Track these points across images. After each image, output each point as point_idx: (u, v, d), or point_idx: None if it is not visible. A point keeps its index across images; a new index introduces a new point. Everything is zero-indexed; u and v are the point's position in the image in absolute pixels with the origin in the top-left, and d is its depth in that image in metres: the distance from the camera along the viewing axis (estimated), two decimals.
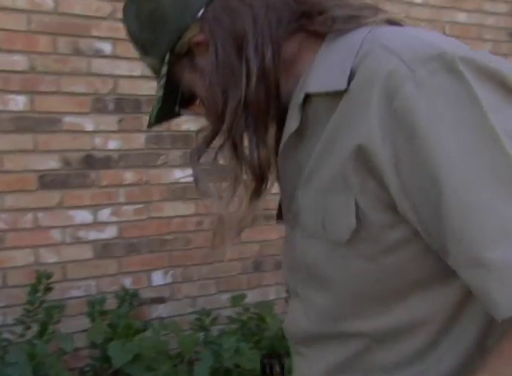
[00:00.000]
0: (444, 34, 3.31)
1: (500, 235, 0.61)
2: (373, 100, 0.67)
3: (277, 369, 0.69)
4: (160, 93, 0.88)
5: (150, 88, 2.74)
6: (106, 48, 2.70)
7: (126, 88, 2.76)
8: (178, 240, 2.96)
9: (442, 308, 0.74)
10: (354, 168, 0.70)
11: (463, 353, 0.75)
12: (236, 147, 0.82)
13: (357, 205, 0.71)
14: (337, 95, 0.73)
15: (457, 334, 0.75)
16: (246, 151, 0.82)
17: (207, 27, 0.81)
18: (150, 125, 0.96)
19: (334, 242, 0.75)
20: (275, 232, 3.24)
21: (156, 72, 0.90)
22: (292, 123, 0.80)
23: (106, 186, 2.76)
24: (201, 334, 2.12)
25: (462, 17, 3.78)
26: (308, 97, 0.78)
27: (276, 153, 0.84)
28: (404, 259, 0.72)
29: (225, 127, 0.81)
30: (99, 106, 2.71)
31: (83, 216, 2.71)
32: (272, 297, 3.25)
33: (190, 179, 2.68)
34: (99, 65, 2.69)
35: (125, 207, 2.81)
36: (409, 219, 0.69)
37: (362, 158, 0.69)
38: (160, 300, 2.94)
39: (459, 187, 0.63)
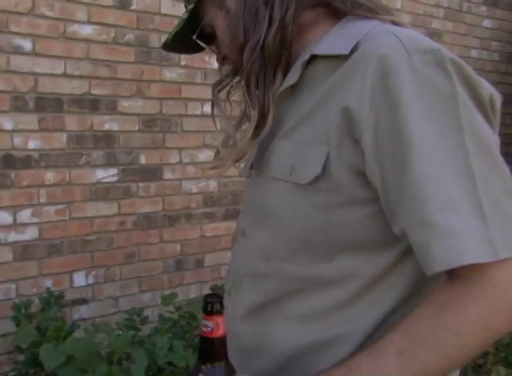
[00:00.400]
0: None
1: (446, 205, 0.72)
2: (370, 71, 0.77)
3: (218, 307, 0.77)
4: (185, 16, 0.98)
5: (72, 87, 2.72)
6: (26, 44, 2.63)
7: (47, 86, 2.70)
8: (100, 241, 2.93)
9: (369, 270, 0.83)
10: (337, 126, 0.80)
11: (381, 313, 0.84)
12: (248, 85, 0.91)
13: (328, 158, 0.80)
14: (338, 60, 0.83)
15: (377, 295, 0.84)
16: (256, 91, 0.91)
17: None
18: (165, 46, 1.07)
19: (295, 185, 0.84)
20: (195, 231, 3.29)
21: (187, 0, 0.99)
22: (292, 77, 0.90)
23: (26, 187, 2.69)
24: (131, 334, 2.12)
25: None
26: (312, 58, 0.88)
27: None
28: (350, 219, 0.81)
29: (244, 63, 0.91)
30: (18, 104, 2.63)
31: (2, 217, 2.63)
32: (192, 295, 3.29)
33: (113, 179, 2.69)
34: (18, 62, 2.62)
35: (46, 208, 2.75)
36: (372, 182, 0.78)
37: (347, 119, 0.78)
38: (83, 301, 2.91)
39: (424, 161, 0.73)
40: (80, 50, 2.78)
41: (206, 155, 3.28)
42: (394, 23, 0.90)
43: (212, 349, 0.77)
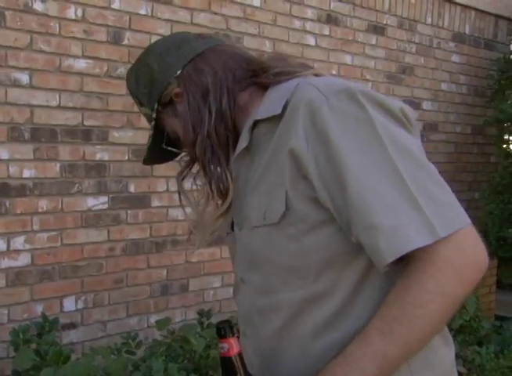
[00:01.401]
0: (332, 74, 3.68)
1: (384, 208, 0.88)
2: (300, 117, 0.95)
3: (228, 331, 0.92)
4: (151, 132, 1.19)
5: (66, 118, 2.83)
6: (23, 78, 2.74)
7: (42, 118, 2.80)
8: (90, 266, 3.02)
9: (348, 279, 0.98)
10: (288, 167, 0.96)
11: (370, 314, 0.96)
12: (205, 169, 1.10)
13: (287, 195, 0.97)
14: (276, 119, 1.01)
15: (364, 299, 0.98)
16: (215, 171, 1.09)
17: (182, 82, 1.13)
18: (146, 162, 1.28)
19: (269, 226, 1.00)
20: (181, 257, 3.40)
21: (149, 119, 1.19)
22: (242, 142, 1.07)
23: (20, 214, 2.78)
24: (126, 357, 2.21)
25: (348, 59, 4.18)
26: (255, 123, 1.06)
27: None
28: (319, 240, 0.97)
29: (196, 154, 1.10)
30: (15, 135, 2.73)
31: None
32: (178, 319, 3.39)
33: (103, 207, 2.82)
34: (15, 95, 2.73)
35: (39, 235, 2.84)
36: (326, 205, 0.94)
37: (294, 159, 0.95)
38: (72, 326, 2.98)
39: (358, 178, 0.89)
40: (74, 83, 2.90)
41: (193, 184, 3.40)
42: (315, 75, 1.09)
43: (231, 366, 0.92)
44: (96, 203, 3.01)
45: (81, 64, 2.92)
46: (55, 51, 2.83)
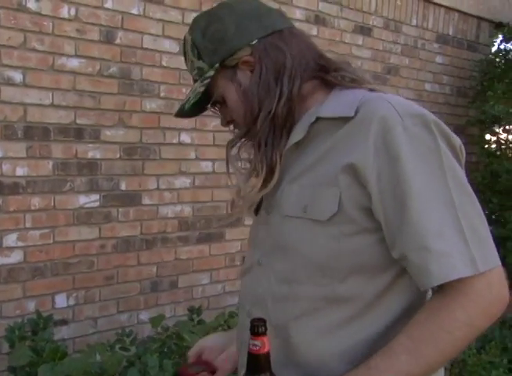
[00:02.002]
0: None
1: (438, 233, 0.94)
2: (372, 129, 0.99)
3: (263, 329, 0.96)
4: (202, 89, 1.15)
5: (58, 117, 2.85)
6: (17, 76, 2.76)
7: (36, 116, 2.82)
8: (81, 263, 3.05)
9: (373, 288, 1.03)
10: (345, 175, 1.00)
11: (384, 325, 1.04)
12: (259, 145, 1.11)
13: (340, 198, 1.01)
14: (341, 121, 1.04)
15: (380, 310, 1.04)
16: (265, 150, 1.11)
17: (257, 53, 1.12)
18: (179, 114, 1.25)
19: (312, 221, 1.03)
20: (170, 254, 3.44)
21: (199, 73, 1.17)
22: (298, 135, 1.10)
23: (13, 212, 2.80)
24: (121, 353, 2.26)
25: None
26: (316, 120, 1.08)
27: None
28: (357, 246, 1.01)
29: (256, 129, 1.11)
30: (8, 133, 2.75)
31: None
32: (167, 315, 3.43)
33: (95, 205, 2.86)
34: (9, 93, 2.74)
35: (31, 232, 2.86)
36: (377, 217, 0.99)
37: (353, 171, 0.99)
38: (63, 322, 3.01)
39: (419, 200, 0.95)
40: (67, 82, 2.92)
41: (181, 182, 3.45)
42: (371, 90, 1.12)
43: (260, 364, 0.96)
44: (88, 201, 3.04)
45: (73, 63, 2.94)
46: (48, 50, 2.84)
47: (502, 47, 5.12)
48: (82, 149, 3.01)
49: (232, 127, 1.23)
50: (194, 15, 3.38)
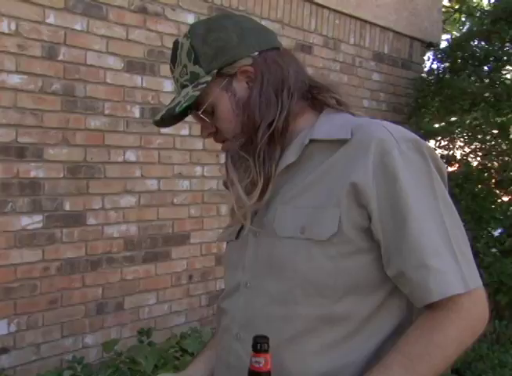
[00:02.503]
0: None
1: (434, 252, 1.00)
2: (371, 153, 1.03)
3: (266, 346, 0.95)
4: (197, 93, 1.14)
5: None
6: None
7: None
8: (23, 288, 2.93)
9: (368, 306, 1.07)
10: (345, 195, 1.04)
11: (378, 342, 1.07)
12: (259, 156, 1.12)
13: (340, 219, 1.04)
14: (336, 144, 1.08)
15: (374, 327, 1.08)
16: (263, 162, 1.12)
17: (257, 64, 1.14)
18: (159, 122, 1.22)
19: (310, 241, 1.05)
20: (116, 275, 3.36)
21: (192, 78, 1.16)
22: (291, 157, 1.13)
23: None
24: None
25: None
26: (309, 142, 1.11)
27: None
28: (353, 265, 1.05)
29: (257, 140, 1.12)
30: None
31: None
32: (113, 337, 3.33)
33: (38, 226, 2.76)
34: None
35: None
36: (376, 236, 1.03)
37: (355, 189, 1.03)
38: (3, 350, 2.87)
39: (417, 220, 1.00)
40: (7, 99, 2.81)
41: (127, 201, 3.37)
42: (352, 114, 1.17)
43: None
44: (30, 222, 2.92)
45: (14, 80, 2.83)
46: None
47: (434, 66, 5.31)
48: (24, 168, 2.89)
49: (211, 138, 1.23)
50: (138, 31, 3.36)
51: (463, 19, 10.34)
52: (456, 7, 10.40)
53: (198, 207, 3.80)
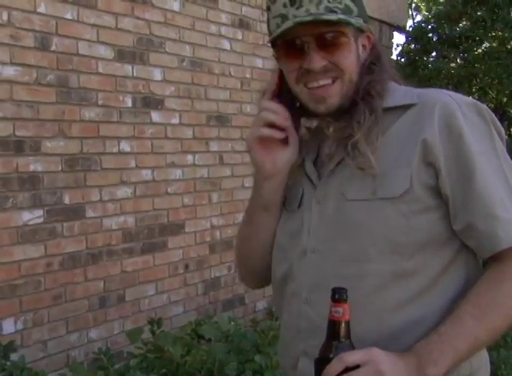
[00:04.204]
0: (246, 77, 3.76)
1: (501, 203, 1.07)
2: (436, 114, 1.10)
3: (345, 296, 0.99)
4: (361, 22, 1.16)
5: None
6: None
7: None
8: (28, 284, 2.86)
9: (437, 263, 1.11)
10: (417, 153, 1.09)
11: (448, 299, 1.11)
12: (360, 114, 1.16)
13: (411, 177, 1.09)
14: (402, 109, 1.15)
15: (445, 284, 1.11)
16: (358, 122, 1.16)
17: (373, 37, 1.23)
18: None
19: (384, 200, 1.10)
20: (117, 267, 3.32)
21: (345, 10, 1.14)
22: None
23: None
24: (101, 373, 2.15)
25: (259, 63, 4.29)
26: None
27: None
28: (424, 222, 1.10)
29: (357, 98, 1.16)
30: None
31: None
32: (116, 331, 3.31)
33: (39, 221, 2.73)
34: None
35: None
36: (444, 192, 1.09)
37: (425, 147, 1.09)
38: (12, 349, 2.81)
39: (483, 175, 1.07)
40: (3, 92, 2.73)
41: (123, 192, 3.34)
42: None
43: (341, 330, 0.99)
44: (32, 217, 2.86)
45: (9, 71, 2.76)
46: None
47: (405, 49, 5.41)
48: (23, 162, 2.83)
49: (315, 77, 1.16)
50: (127, 20, 3.31)
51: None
52: None
53: (191, 195, 3.78)
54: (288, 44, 1.15)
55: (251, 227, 1.31)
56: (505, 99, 4.58)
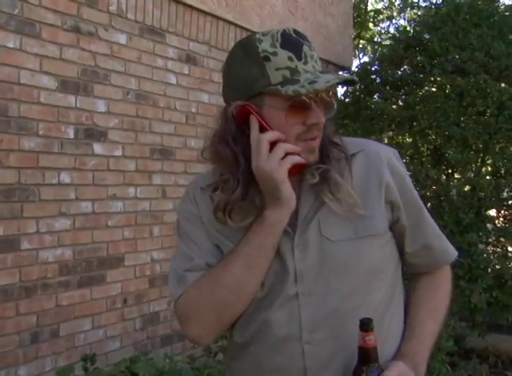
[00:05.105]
0: (192, 111, 3.79)
1: (436, 227, 1.41)
2: (384, 162, 1.32)
3: (372, 325, 1.15)
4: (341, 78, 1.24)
5: None
6: None
7: None
8: None
9: (399, 280, 1.37)
10: (383, 196, 1.29)
11: (403, 305, 1.38)
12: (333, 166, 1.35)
13: (384, 214, 1.30)
14: (351, 157, 1.30)
15: (398, 290, 1.36)
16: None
17: None
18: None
19: (369, 237, 1.26)
20: (51, 301, 3.23)
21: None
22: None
23: None
24: None
25: (205, 98, 4.33)
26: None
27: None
28: (390, 249, 1.34)
29: (332, 153, 1.32)
30: None
31: None
32: (47, 368, 3.20)
33: None
34: None
35: None
36: (401, 222, 1.32)
37: (387, 189, 1.30)
38: None
39: (423, 206, 1.38)
40: None
41: (62, 224, 3.27)
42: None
43: (374, 355, 1.16)
44: None
45: None
46: None
47: (350, 89, 5.55)
48: None
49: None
50: (72, 50, 3.29)
51: (376, 46, 10.86)
52: (358, 32, 10.95)
53: (132, 229, 3.74)
54: (295, 99, 1.18)
55: (252, 272, 1.24)
56: (442, 142, 4.74)
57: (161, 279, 3.95)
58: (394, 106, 4.92)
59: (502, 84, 4.86)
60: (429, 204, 4.64)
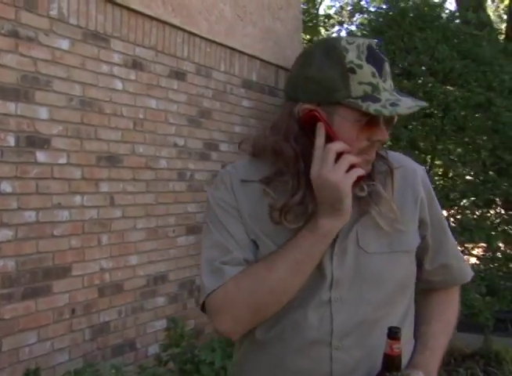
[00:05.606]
0: (140, 117, 3.73)
1: (457, 247, 1.53)
2: (419, 179, 1.38)
3: (400, 334, 1.19)
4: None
5: None
6: None
7: None
8: None
9: (412, 292, 1.40)
10: (417, 213, 1.36)
11: (413, 313, 1.43)
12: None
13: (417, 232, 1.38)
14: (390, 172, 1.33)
15: (412, 303, 1.41)
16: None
17: None
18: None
19: (400, 253, 1.33)
20: None
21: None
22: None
23: None
24: None
25: (153, 103, 4.27)
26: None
27: None
28: (414, 265, 1.38)
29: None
30: None
31: None
32: None
33: None
34: None
35: None
36: (426, 240, 1.39)
37: (421, 207, 1.36)
38: None
39: (447, 227, 1.45)
40: None
41: (3, 234, 3.18)
42: None
43: (399, 363, 1.20)
44: None
45: None
46: None
47: None
48: None
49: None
50: (11, 56, 3.20)
51: None
52: (308, 37, 11.04)
53: (79, 237, 3.66)
54: (372, 117, 1.19)
55: (297, 277, 1.25)
56: (392, 144, 4.79)
57: (111, 288, 3.88)
58: None
59: (448, 87, 4.95)
60: None
